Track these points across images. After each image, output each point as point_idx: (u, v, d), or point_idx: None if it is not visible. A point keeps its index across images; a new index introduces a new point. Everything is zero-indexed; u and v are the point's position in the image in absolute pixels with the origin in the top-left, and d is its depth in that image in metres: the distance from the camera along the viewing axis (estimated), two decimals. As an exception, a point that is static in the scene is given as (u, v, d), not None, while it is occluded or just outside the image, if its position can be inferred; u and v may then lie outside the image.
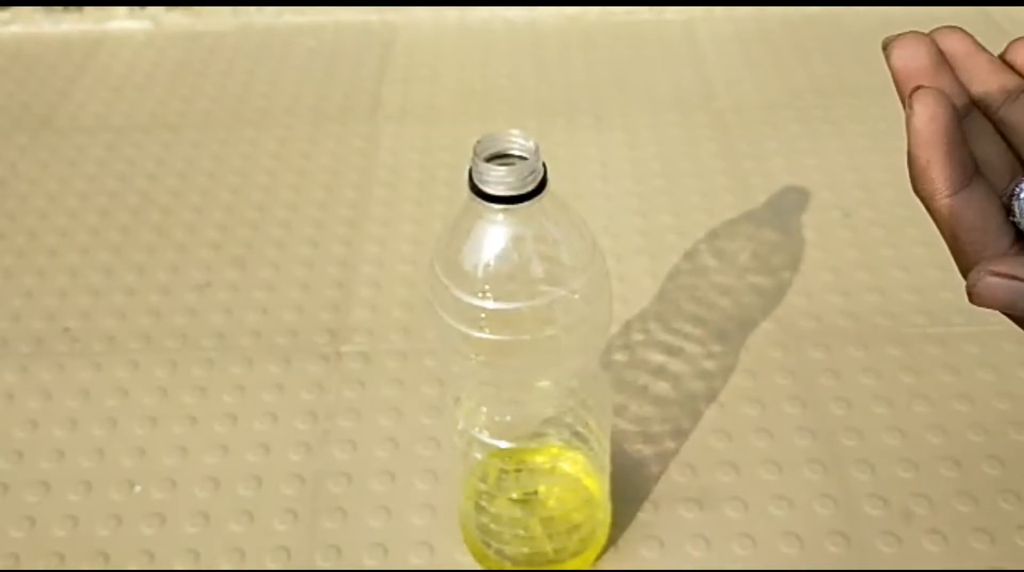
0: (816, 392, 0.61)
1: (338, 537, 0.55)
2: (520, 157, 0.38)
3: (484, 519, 0.50)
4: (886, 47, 0.26)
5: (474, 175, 0.37)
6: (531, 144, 0.37)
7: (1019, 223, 0.26)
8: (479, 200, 0.37)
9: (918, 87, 0.25)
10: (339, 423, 0.61)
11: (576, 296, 0.40)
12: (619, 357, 0.64)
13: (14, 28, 1.03)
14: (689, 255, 0.71)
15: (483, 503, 0.50)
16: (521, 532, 0.50)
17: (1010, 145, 0.27)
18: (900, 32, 0.27)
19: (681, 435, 0.59)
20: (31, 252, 0.75)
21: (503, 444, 0.46)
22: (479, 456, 0.48)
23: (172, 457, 0.59)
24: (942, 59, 0.26)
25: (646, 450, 0.58)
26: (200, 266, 0.73)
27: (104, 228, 0.77)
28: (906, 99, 0.26)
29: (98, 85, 0.94)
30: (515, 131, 0.37)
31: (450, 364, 0.43)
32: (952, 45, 0.27)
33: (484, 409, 0.47)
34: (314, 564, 0.53)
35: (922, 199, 0.26)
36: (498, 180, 0.36)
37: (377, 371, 0.64)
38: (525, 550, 0.50)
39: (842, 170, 0.79)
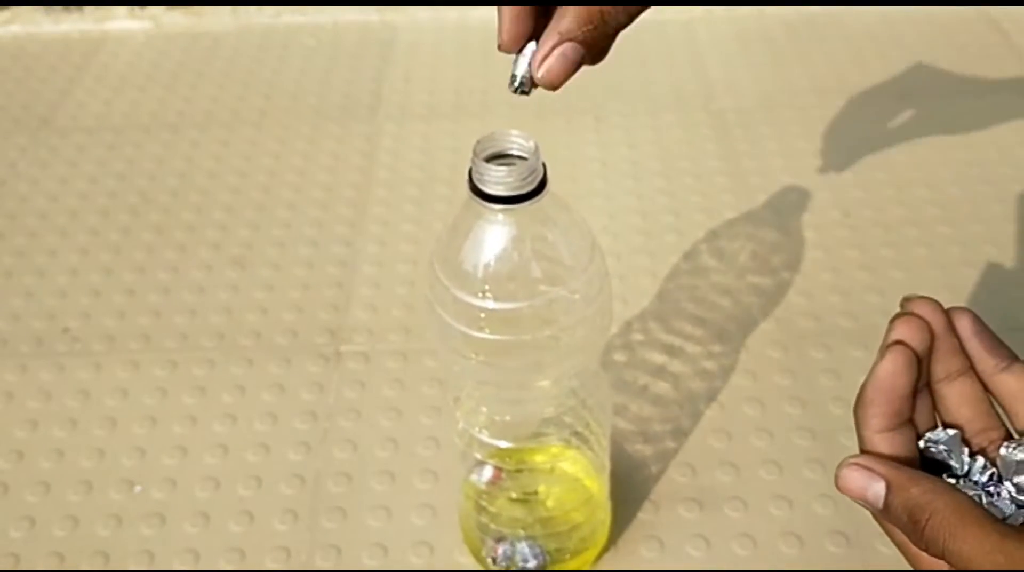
0: (816, 392, 0.61)
1: (338, 537, 0.55)
2: (520, 157, 0.38)
3: (484, 519, 0.50)
4: (893, 320, 0.31)
5: (474, 175, 0.37)
6: (531, 144, 0.37)
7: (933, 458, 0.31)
8: (479, 200, 0.37)
9: (898, 342, 0.31)
10: (339, 423, 0.61)
11: (576, 296, 0.40)
12: (619, 357, 0.64)
13: (14, 28, 1.03)
14: (689, 255, 0.71)
15: (483, 503, 0.50)
16: (521, 532, 0.50)
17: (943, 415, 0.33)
18: (919, 297, 0.32)
19: (681, 435, 0.59)
20: (31, 252, 0.75)
21: (503, 444, 0.46)
22: (479, 456, 0.48)
23: (172, 457, 0.59)
24: (930, 341, 0.31)
25: (646, 450, 0.58)
26: (200, 266, 0.73)
27: (104, 228, 0.77)
28: (884, 345, 0.31)
29: (98, 85, 0.94)
30: (515, 131, 0.37)
31: (450, 364, 0.43)
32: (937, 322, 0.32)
33: (484, 409, 0.47)
34: (314, 564, 0.53)
35: (855, 421, 0.31)
36: (498, 180, 0.36)
37: (377, 371, 0.64)
38: (523, 547, 0.50)
39: (842, 170, 0.79)
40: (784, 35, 0.96)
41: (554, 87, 0.33)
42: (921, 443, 0.31)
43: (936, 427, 0.32)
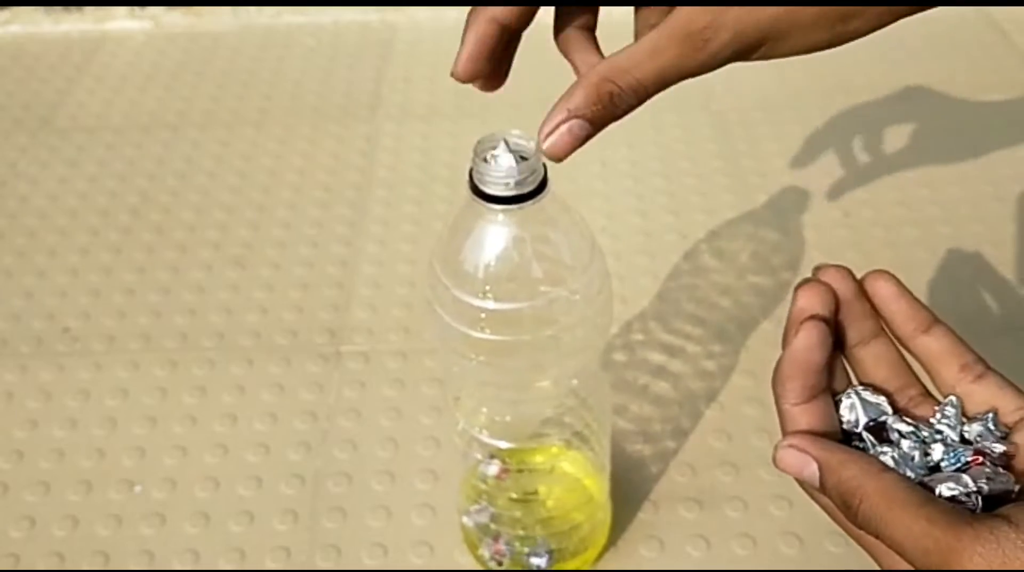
0: (816, 392, 0.61)
1: (338, 537, 0.55)
2: (521, 157, 0.37)
3: (485, 519, 0.50)
4: (798, 287, 0.33)
5: (475, 175, 0.37)
6: (532, 144, 0.37)
7: (843, 423, 0.32)
8: (480, 200, 0.37)
9: (812, 317, 0.32)
10: (339, 423, 0.61)
11: (576, 296, 0.40)
12: (619, 357, 0.64)
13: (14, 28, 1.03)
14: (689, 255, 0.71)
15: (484, 502, 0.50)
16: (521, 532, 0.50)
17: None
18: (829, 264, 0.34)
19: (681, 435, 0.59)
20: (31, 252, 0.75)
21: (503, 444, 0.46)
22: (479, 456, 0.48)
23: (172, 457, 0.59)
24: (835, 306, 0.33)
25: (646, 450, 0.58)
26: (200, 266, 0.73)
27: (104, 228, 0.77)
28: (796, 324, 0.32)
29: (98, 85, 0.94)
30: (516, 131, 0.37)
31: (450, 364, 0.43)
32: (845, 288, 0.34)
33: (484, 409, 0.47)
34: (314, 564, 0.53)
35: (774, 396, 0.32)
36: (499, 180, 0.36)
37: (377, 371, 0.64)
38: (525, 550, 0.50)
39: (842, 170, 0.79)
40: (784, 35, 0.96)
41: (559, 160, 0.34)
42: (844, 425, 0.32)
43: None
